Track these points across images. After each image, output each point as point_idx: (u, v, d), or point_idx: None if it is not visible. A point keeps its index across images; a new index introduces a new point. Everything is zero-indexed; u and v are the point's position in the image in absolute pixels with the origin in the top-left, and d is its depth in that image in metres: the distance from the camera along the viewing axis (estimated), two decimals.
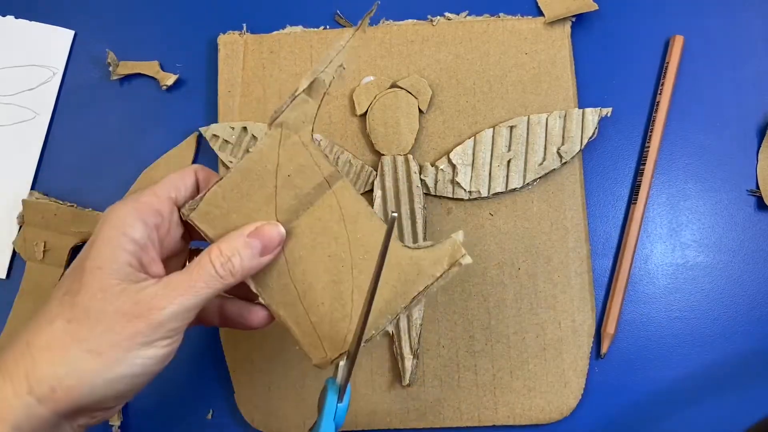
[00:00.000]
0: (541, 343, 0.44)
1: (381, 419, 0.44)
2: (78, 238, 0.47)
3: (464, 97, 0.47)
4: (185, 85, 0.50)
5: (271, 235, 0.33)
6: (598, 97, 0.48)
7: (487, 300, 0.45)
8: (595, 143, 0.47)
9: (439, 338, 0.45)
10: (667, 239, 0.46)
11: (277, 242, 0.33)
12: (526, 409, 0.44)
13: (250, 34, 0.49)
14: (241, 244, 0.33)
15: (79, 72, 0.50)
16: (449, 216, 0.46)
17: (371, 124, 0.46)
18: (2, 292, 0.48)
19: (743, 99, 0.48)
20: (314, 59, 0.48)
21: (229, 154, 0.47)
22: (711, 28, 0.49)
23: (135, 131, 0.49)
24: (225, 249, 0.32)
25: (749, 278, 0.46)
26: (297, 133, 0.33)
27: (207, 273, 0.32)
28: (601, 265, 0.46)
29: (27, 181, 0.49)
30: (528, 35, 0.48)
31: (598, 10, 0.47)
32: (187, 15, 0.51)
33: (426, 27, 0.48)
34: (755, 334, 0.45)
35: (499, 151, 0.46)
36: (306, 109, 0.33)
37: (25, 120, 0.50)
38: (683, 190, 0.47)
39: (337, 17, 0.50)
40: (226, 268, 0.32)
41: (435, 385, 0.44)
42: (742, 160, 0.47)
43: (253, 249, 0.33)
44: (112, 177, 0.48)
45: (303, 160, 0.33)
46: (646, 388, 0.45)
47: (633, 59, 0.48)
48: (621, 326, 0.45)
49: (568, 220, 0.46)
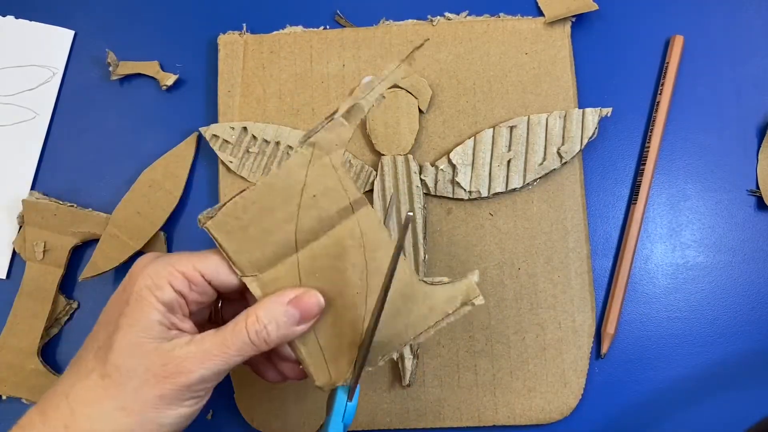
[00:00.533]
0: (541, 343, 0.44)
1: (381, 419, 0.44)
2: (78, 238, 0.47)
3: (464, 97, 0.47)
4: (185, 85, 0.50)
5: (311, 306, 0.33)
6: (598, 97, 0.48)
7: (487, 300, 0.45)
8: (595, 143, 0.47)
9: (439, 338, 0.45)
10: (667, 239, 0.46)
11: (315, 312, 0.33)
12: (526, 409, 0.44)
13: (250, 34, 0.49)
14: (280, 312, 0.32)
15: (79, 72, 0.50)
16: (449, 216, 0.46)
17: (371, 124, 0.46)
18: (2, 292, 0.48)
19: (743, 99, 0.48)
20: (314, 59, 0.48)
21: (229, 154, 0.47)
22: (711, 28, 0.49)
23: (135, 131, 0.49)
24: (262, 316, 0.32)
25: (749, 278, 0.46)
26: (329, 154, 0.33)
27: (241, 340, 0.32)
28: (601, 265, 0.46)
29: (27, 181, 0.49)
30: (528, 35, 0.48)
31: (598, 10, 0.47)
32: (187, 15, 0.51)
33: (426, 27, 0.48)
34: (755, 334, 0.45)
35: (499, 151, 0.46)
36: (341, 132, 0.33)
37: (25, 120, 0.50)
38: (683, 190, 0.47)
39: (337, 17, 0.50)
40: (260, 336, 0.32)
41: (435, 385, 0.44)
42: (742, 160, 0.47)
43: (290, 318, 0.32)
44: (112, 177, 0.48)
45: (331, 182, 0.33)
46: (646, 388, 0.45)
47: (633, 59, 0.48)
48: (621, 326, 0.45)
49: (568, 220, 0.46)
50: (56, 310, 0.47)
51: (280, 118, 0.47)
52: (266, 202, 0.33)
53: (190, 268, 0.32)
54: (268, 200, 0.33)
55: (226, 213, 0.33)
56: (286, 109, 0.47)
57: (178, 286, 0.32)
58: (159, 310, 0.31)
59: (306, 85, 0.48)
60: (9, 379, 0.46)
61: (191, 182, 0.48)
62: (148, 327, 0.31)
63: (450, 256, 0.45)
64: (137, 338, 0.31)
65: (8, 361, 0.46)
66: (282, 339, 0.32)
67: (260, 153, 0.46)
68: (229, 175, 0.47)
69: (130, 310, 0.31)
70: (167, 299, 0.32)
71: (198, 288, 0.33)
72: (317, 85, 0.48)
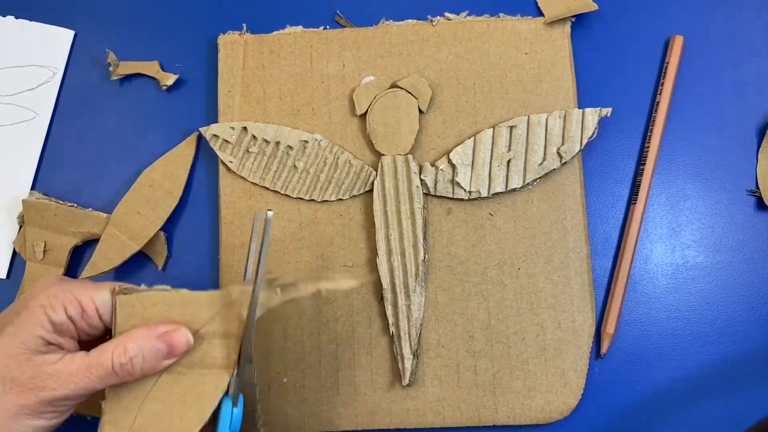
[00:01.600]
0: (541, 343, 0.44)
1: (381, 419, 0.44)
2: (78, 238, 0.47)
3: (464, 97, 0.47)
4: (185, 85, 0.50)
5: (180, 342, 0.34)
6: (598, 97, 0.48)
7: (487, 300, 0.45)
8: (595, 143, 0.47)
9: (439, 338, 0.45)
10: (667, 239, 0.46)
11: (184, 349, 0.34)
12: (526, 409, 0.44)
13: (250, 34, 0.49)
14: (149, 346, 0.33)
15: (79, 72, 0.50)
16: (449, 216, 0.46)
17: (371, 124, 0.46)
18: (2, 292, 0.48)
19: (743, 99, 0.48)
20: (314, 59, 0.48)
21: (229, 154, 0.47)
22: (711, 28, 0.49)
23: (135, 131, 0.49)
24: (130, 348, 0.33)
25: (749, 278, 0.46)
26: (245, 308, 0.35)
27: (104, 368, 0.33)
28: (601, 265, 0.46)
29: (27, 181, 0.49)
30: (528, 35, 0.48)
31: (598, 10, 0.47)
32: (187, 15, 0.51)
33: (426, 27, 0.48)
34: (755, 334, 0.45)
35: (499, 151, 0.46)
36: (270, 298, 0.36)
37: (25, 120, 0.50)
38: (683, 190, 0.47)
39: (337, 17, 0.50)
40: (125, 368, 0.33)
41: (435, 385, 0.44)
42: (742, 160, 0.47)
43: (158, 352, 0.33)
44: (112, 177, 0.48)
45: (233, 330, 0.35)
46: (646, 388, 0.45)
47: (633, 59, 0.48)
48: (621, 326, 0.45)
49: (568, 220, 0.46)
50: None
51: (280, 118, 0.47)
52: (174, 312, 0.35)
53: (87, 298, 0.34)
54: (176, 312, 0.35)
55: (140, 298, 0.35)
56: (286, 109, 0.47)
57: (70, 312, 0.33)
58: (45, 327, 0.33)
59: (306, 85, 0.48)
60: None
61: (191, 182, 0.48)
62: (28, 339, 0.32)
63: (450, 256, 0.45)
64: (14, 347, 0.32)
65: None
66: (146, 372, 0.33)
67: (260, 153, 0.46)
68: (229, 175, 0.47)
69: (19, 320, 0.33)
70: (57, 320, 0.33)
71: (88, 319, 0.34)
72: (317, 85, 0.48)
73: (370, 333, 0.45)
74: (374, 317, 0.45)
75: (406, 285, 0.44)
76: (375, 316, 0.45)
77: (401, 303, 0.44)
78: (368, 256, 0.46)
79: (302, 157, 0.46)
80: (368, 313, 0.45)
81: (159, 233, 0.47)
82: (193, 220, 0.48)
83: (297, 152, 0.46)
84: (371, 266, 0.45)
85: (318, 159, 0.46)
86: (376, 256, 0.45)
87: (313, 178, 0.46)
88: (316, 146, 0.46)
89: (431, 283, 0.45)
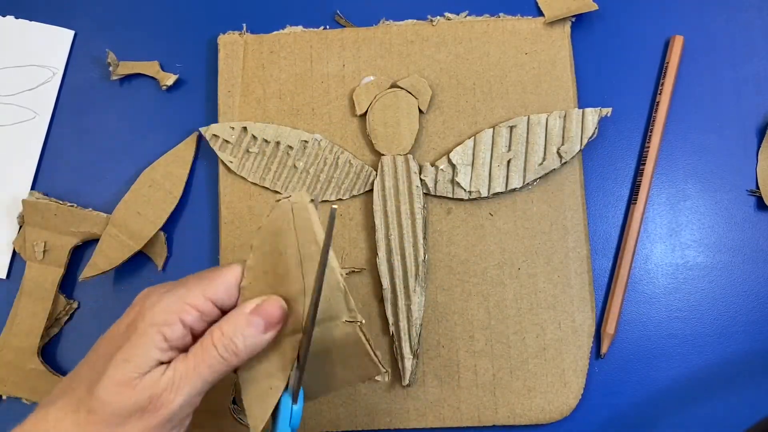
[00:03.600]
0: (541, 343, 0.44)
1: (381, 419, 0.44)
2: (78, 238, 0.47)
3: (464, 97, 0.47)
4: (185, 85, 0.50)
5: (273, 311, 0.32)
6: (598, 97, 0.48)
7: (487, 300, 0.45)
8: (595, 143, 0.47)
9: (439, 338, 0.45)
10: (667, 239, 0.46)
11: (279, 317, 0.33)
12: (526, 409, 0.44)
13: (250, 34, 0.49)
14: (244, 322, 0.32)
15: (79, 72, 0.50)
16: (449, 216, 0.46)
17: (371, 124, 0.46)
18: (2, 292, 0.48)
19: (743, 99, 0.48)
20: (314, 59, 0.48)
21: (229, 154, 0.47)
22: (711, 28, 0.49)
23: (135, 131, 0.49)
24: (227, 330, 0.32)
25: (749, 278, 0.46)
26: None
27: (210, 356, 0.31)
28: (601, 265, 0.46)
29: (27, 181, 0.49)
30: (528, 35, 0.48)
31: (598, 10, 0.47)
32: (187, 15, 0.51)
33: (426, 27, 0.48)
34: (755, 334, 0.45)
35: (499, 151, 0.46)
36: None
37: (25, 120, 0.50)
38: (683, 190, 0.47)
39: (337, 17, 0.50)
40: (229, 349, 0.32)
41: (435, 385, 0.44)
42: (742, 160, 0.47)
43: (256, 327, 0.32)
44: (112, 177, 0.48)
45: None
46: (646, 388, 0.45)
47: (633, 59, 0.48)
48: (621, 326, 0.45)
49: (568, 220, 0.46)
50: (56, 310, 0.47)
51: (280, 118, 0.47)
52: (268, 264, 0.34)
53: (201, 299, 0.32)
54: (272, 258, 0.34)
55: None
56: (286, 109, 0.47)
57: (189, 322, 0.32)
58: (161, 347, 0.31)
59: (306, 85, 0.48)
60: (9, 379, 0.46)
61: (191, 182, 0.48)
62: (142, 364, 0.31)
63: (450, 256, 0.45)
64: (129, 374, 0.31)
65: (8, 361, 0.46)
66: (251, 350, 0.32)
67: (260, 153, 0.46)
68: (229, 175, 0.47)
69: (130, 346, 0.31)
70: (175, 336, 0.32)
71: (209, 317, 0.33)
72: (317, 85, 0.48)
73: (370, 333, 0.45)
74: (374, 317, 0.45)
75: (406, 285, 0.44)
76: (375, 316, 0.45)
77: (401, 303, 0.44)
78: (368, 256, 0.46)
79: (302, 157, 0.46)
80: (368, 313, 0.45)
81: (159, 233, 0.47)
82: (193, 220, 0.48)
83: (297, 152, 0.46)
84: (371, 266, 0.45)
85: (318, 159, 0.46)
86: (376, 256, 0.45)
87: (313, 178, 0.46)
88: (316, 146, 0.46)
89: (431, 283, 0.45)
